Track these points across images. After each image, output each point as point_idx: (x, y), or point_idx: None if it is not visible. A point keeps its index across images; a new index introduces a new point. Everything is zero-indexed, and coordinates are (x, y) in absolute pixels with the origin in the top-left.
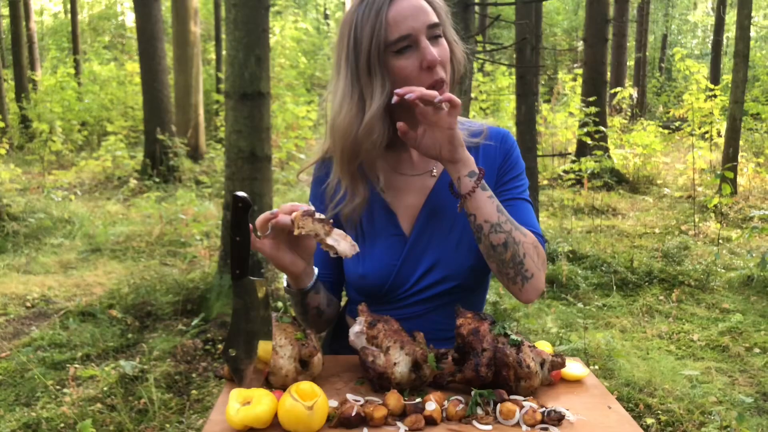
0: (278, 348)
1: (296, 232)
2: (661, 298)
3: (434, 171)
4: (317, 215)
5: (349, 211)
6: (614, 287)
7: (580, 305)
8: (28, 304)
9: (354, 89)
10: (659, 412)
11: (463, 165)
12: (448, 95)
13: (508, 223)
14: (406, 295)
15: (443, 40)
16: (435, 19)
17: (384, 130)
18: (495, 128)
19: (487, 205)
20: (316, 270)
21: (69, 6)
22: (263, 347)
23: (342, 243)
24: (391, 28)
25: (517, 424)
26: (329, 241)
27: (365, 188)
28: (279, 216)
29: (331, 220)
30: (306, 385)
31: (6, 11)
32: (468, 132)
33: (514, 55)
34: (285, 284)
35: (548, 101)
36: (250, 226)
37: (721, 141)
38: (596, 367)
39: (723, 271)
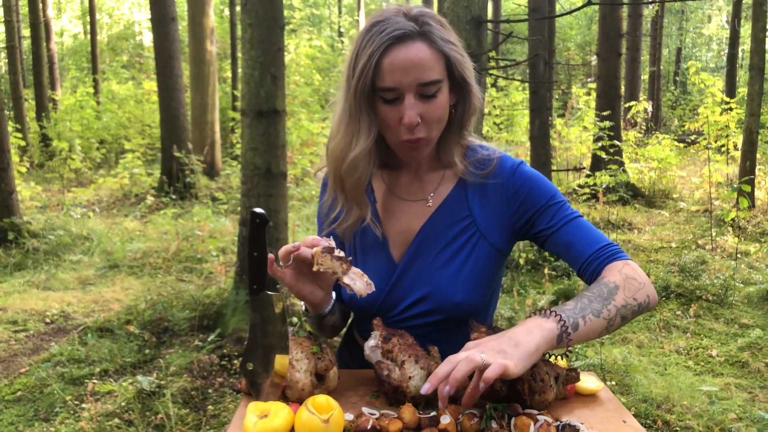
0: (295, 362)
1: (315, 268)
2: (679, 313)
3: (429, 202)
4: (336, 252)
5: (344, 229)
6: None
7: None
8: (48, 320)
9: (348, 119)
10: (678, 428)
11: (546, 343)
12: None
13: (607, 310)
14: (395, 321)
15: (438, 98)
16: (432, 76)
17: (368, 168)
18: (505, 161)
19: (587, 333)
20: (334, 295)
21: (89, 27)
22: (280, 361)
23: (358, 282)
24: (381, 75)
25: None
26: (346, 279)
27: (362, 209)
28: (301, 249)
29: (350, 258)
30: (322, 399)
31: (27, 33)
32: (475, 164)
33: (528, 71)
34: (303, 308)
35: (562, 116)
36: (271, 256)
37: (738, 154)
38: (613, 382)
39: (741, 285)
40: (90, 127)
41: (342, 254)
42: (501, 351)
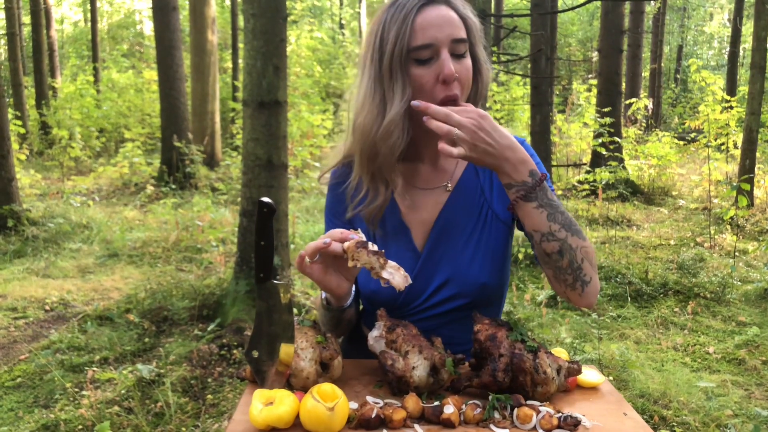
0: (300, 351)
1: (350, 264)
2: (676, 310)
3: (448, 185)
4: (371, 246)
5: (370, 211)
6: (629, 298)
7: (594, 316)
8: (47, 308)
9: (376, 90)
10: (674, 424)
11: (505, 174)
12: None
13: (561, 230)
14: (419, 310)
15: (467, 58)
16: (462, 34)
17: (402, 135)
18: None
19: (533, 215)
20: (353, 288)
21: (89, 15)
22: (285, 350)
23: (396, 276)
24: (416, 34)
25: (534, 429)
26: (384, 274)
27: (387, 189)
28: (332, 244)
29: (383, 250)
30: (327, 387)
31: (28, 20)
32: None
33: (529, 66)
34: (324, 302)
35: (563, 111)
36: (302, 253)
37: (738, 152)
38: (611, 378)
39: (739, 283)
40: (90, 116)
41: (376, 248)
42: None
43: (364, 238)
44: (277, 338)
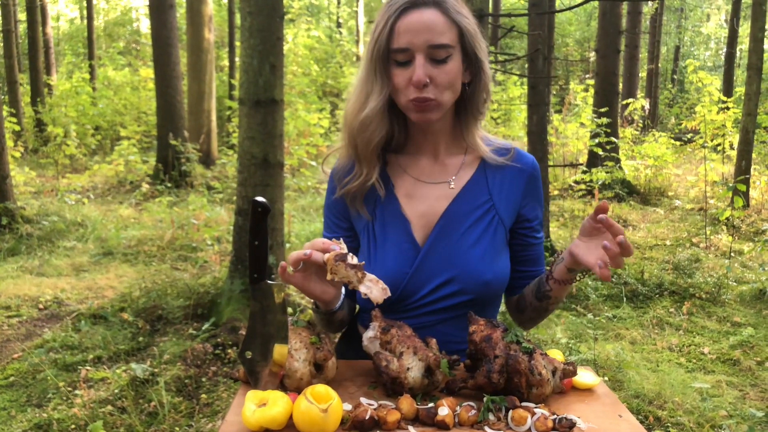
0: (293, 351)
1: (329, 278)
2: (672, 310)
3: (452, 184)
4: (350, 259)
5: (355, 187)
6: (624, 299)
7: (590, 316)
8: (41, 306)
9: (364, 83)
10: (669, 424)
11: (583, 267)
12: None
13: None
14: (416, 306)
15: (448, 64)
16: (443, 40)
17: (378, 130)
18: (524, 152)
19: (566, 289)
20: (343, 291)
21: (85, 12)
22: (279, 350)
23: (374, 289)
24: (395, 37)
25: (529, 431)
26: (362, 288)
27: (373, 168)
28: (312, 255)
29: (362, 262)
30: (321, 388)
31: (23, 16)
32: (493, 149)
33: (526, 65)
34: (313, 305)
35: (559, 111)
36: (283, 264)
37: (734, 153)
38: (606, 378)
39: (734, 284)
40: (85, 113)
41: (355, 260)
42: None
43: (345, 250)
44: (271, 339)
